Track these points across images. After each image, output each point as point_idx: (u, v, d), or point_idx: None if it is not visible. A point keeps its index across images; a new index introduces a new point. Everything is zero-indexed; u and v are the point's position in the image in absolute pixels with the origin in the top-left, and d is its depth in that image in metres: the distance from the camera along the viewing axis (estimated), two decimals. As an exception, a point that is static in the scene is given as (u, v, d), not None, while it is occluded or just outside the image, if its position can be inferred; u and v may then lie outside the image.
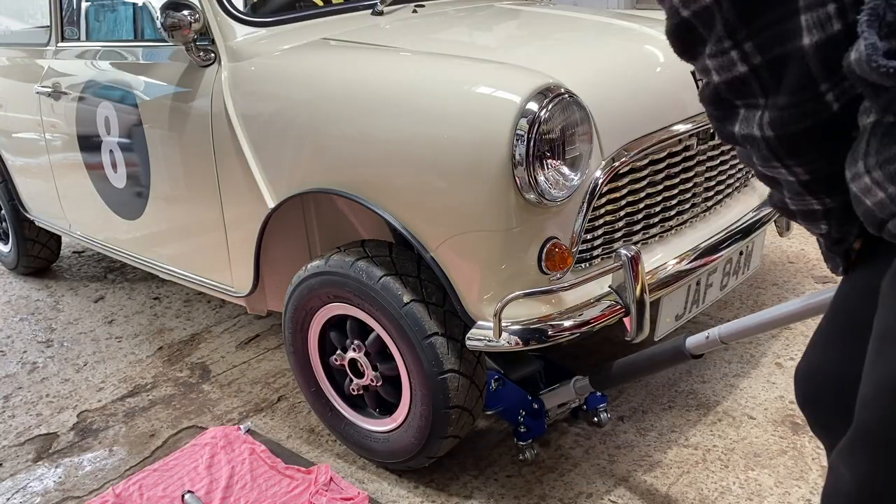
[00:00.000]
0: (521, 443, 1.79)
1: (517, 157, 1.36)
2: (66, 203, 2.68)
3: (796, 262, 2.79)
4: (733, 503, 1.65)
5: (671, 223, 1.75)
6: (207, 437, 1.97)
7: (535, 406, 1.75)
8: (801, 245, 2.92)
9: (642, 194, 1.64)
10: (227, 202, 1.93)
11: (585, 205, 1.50)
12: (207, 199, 1.98)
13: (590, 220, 1.54)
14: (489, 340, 1.46)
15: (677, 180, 1.72)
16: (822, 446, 1.79)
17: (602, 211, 1.57)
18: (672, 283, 1.66)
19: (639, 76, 1.67)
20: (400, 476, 1.82)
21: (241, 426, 2.02)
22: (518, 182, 1.38)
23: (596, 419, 1.85)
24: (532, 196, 1.39)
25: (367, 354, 1.73)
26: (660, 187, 1.68)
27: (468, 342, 1.50)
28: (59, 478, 1.95)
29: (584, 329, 1.48)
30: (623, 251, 1.47)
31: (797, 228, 2.93)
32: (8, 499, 1.89)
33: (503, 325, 1.44)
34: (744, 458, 1.78)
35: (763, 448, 1.80)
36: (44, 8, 2.59)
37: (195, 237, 2.11)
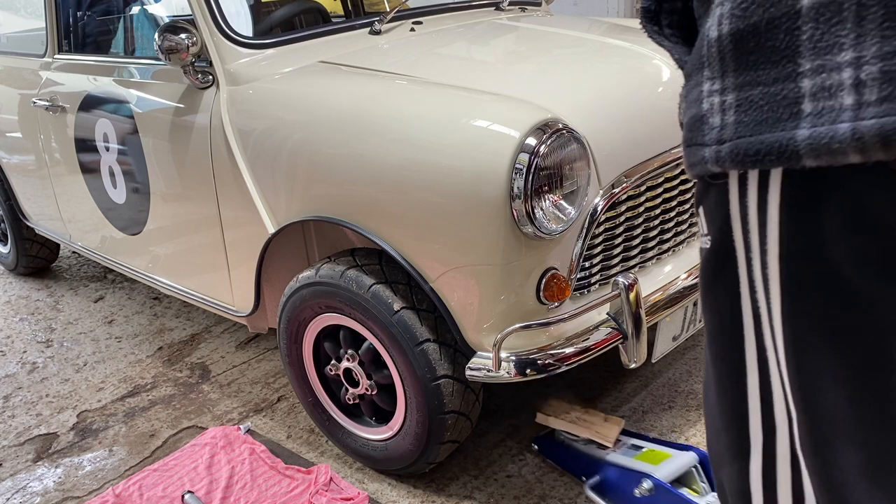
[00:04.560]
0: None
1: (515, 190, 1.36)
2: (66, 215, 2.69)
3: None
4: (733, 503, 1.64)
5: (668, 245, 1.76)
6: (207, 437, 1.97)
7: None
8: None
9: (640, 220, 1.64)
10: (228, 225, 1.93)
11: (584, 233, 1.50)
12: (207, 221, 1.98)
13: (588, 248, 1.54)
14: (489, 371, 1.48)
15: (675, 203, 1.72)
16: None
17: (600, 238, 1.57)
18: (670, 306, 1.66)
19: (637, 101, 1.67)
20: (400, 477, 1.82)
21: (241, 426, 2.02)
22: (515, 215, 1.38)
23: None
24: (529, 229, 1.40)
25: (361, 363, 1.73)
26: (657, 211, 1.68)
27: (468, 372, 1.51)
28: (59, 478, 1.95)
29: (583, 357, 1.49)
30: (620, 279, 1.48)
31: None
32: (8, 499, 1.89)
33: (502, 356, 1.46)
34: (743, 458, 1.77)
35: (763, 448, 1.80)
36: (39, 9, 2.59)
37: (196, 257, 2.11)
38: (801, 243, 0.55)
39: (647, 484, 1.54)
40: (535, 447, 1.81)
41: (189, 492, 1.77)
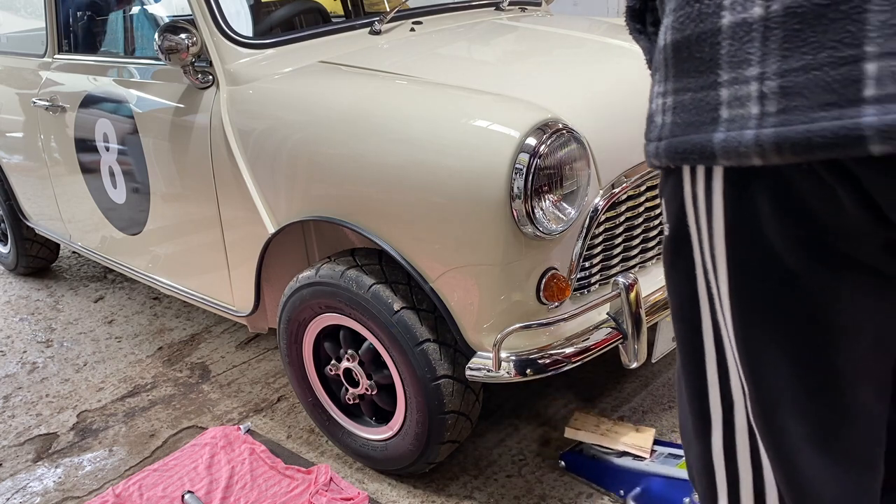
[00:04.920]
0: None
1: (515, 190, 1.36)
2: (66, 215, 2.68)
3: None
4: (733, 503, 1.65)
5: None
6: (207, 437, 1.97)
7: None
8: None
9: (640, 220, 1.64)
10: (228, 225, 1.92)
11: (584, 233, 1.50)
12: (207, 221, 1.98)
13: (588, 248, 1.54)
14: (489, 371, 1.48)
15: None
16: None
17: (600, 238, 1.57)
18: (670, 307, 1.66)
19: (637, 101, 1.66)
20: (400, 477, 1.82)
21: (241, 426, 2.02)
22: (515, 215, 1.38)
23: None
24: (529, 229, 1.40)
25: (361, 363, 1.73)
26: (657, 211, 1.68)
27: (468, 372, 1.51)
28: (59, 478, 1.95)
29: (583, 357, 1.49)
30: (620, 279, 1.48)
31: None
32: (8, 499, 1.89)
33: (502, 356, 1.46)
34: (743, 458, 1.77)
35: (763, 448, 1.80)
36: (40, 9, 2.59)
37: (196, 256, 2.11)
38: (740, 226, 0.61)
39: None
40: (563, 464, 1.77)
41: (189, 492, 1.77)
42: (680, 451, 1.71)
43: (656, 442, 1.75)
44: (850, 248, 0.58)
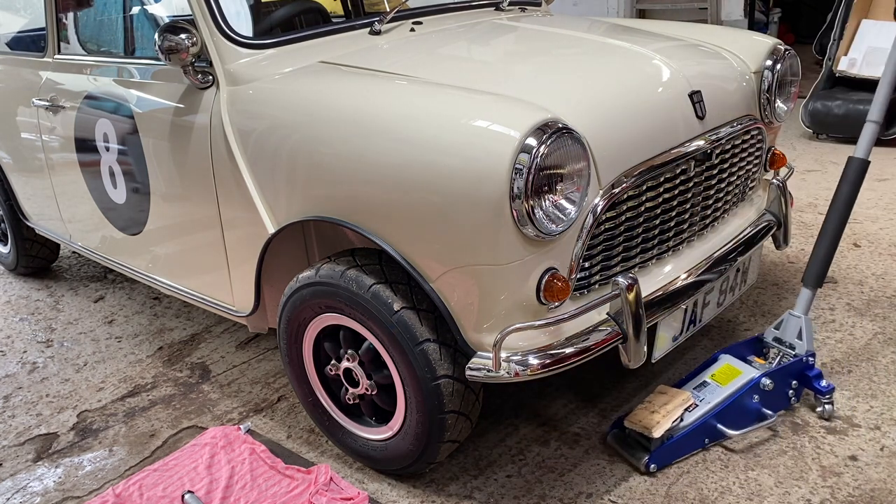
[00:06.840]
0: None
1: (515, 190, 1.36)
2: (66, 215, 2.68)
3: (796, 262, 2.79)
4: (733, 503, 1.65)
5: (669, 244, 1.76)
6: (207, 437, 1.97)
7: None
8: (801, 245, 2.92)
9: (640, 219, 1.64)
10: (228, 225, 1.92)
11: (584, 233, 1.51)
12: (207, 221, 1.98)
13: (588, 248, 1.54)
14: (489, 371, 1.48)
15: (675, 203, 1.72)
16: (821, 446, 1.80)
17: (600, 238, 1.58)
18: (670, 307, 1.66)
19: (637, 101, 1.67)
20: (400, 477, 1.82)
21: (241, 426, 2.02)
22: (515, 215, 1.38)
23: (819, 409, 1.90)
24: (530, 230, 1.40)
25: (361, 363, 1.73)
26: (657, 211, 1.68)
27: (468, 372, 1.51)
28: (59, 478, 1.95)
29: (583, 357, 1.49)
30: (620, 279, 1.48)
31: (794, 238, 2.94)
32: (8, 499, 1.89)
33: (502, 356, 1.46)
34: (744, 458, 1.78)
35: (763, 448, 1.80)
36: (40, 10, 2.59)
37: (196, 257, 2.11)
38: None
39: (766, 381, 1.83)
40: (654, 466, 1.75)
41: (189, 492, 1.77)
42: (698, 380, 1.89)
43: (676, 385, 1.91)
44: None
